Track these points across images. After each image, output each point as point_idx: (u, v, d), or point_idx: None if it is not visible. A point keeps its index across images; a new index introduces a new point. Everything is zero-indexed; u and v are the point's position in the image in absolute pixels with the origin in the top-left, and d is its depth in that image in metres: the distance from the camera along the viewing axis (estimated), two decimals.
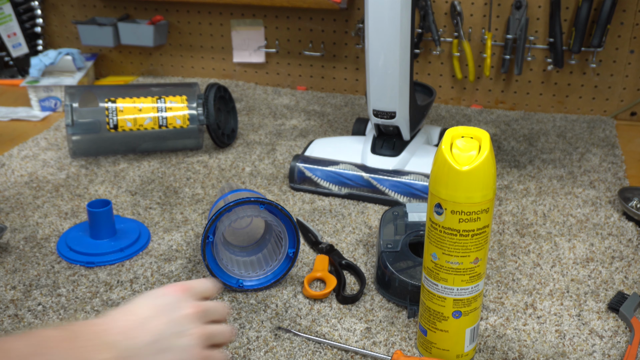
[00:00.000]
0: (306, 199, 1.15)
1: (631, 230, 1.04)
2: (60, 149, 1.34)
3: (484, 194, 0.66)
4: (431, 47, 1.61)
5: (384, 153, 1.16)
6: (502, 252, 0.99)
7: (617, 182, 1.21)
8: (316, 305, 0.86)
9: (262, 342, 0.79)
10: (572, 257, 0.97)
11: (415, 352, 0.78)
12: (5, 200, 1.13)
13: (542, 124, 1.51)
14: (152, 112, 1.25)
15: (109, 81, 1.82)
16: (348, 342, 0.79)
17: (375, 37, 1.04)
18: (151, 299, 0.61)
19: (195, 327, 0.60)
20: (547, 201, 1.14)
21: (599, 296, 0.88)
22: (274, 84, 1.78)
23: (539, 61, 1.56)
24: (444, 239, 0.68)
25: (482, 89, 1.63)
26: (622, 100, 1.56)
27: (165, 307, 0.60)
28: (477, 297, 0.72)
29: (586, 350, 0.78)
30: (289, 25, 1.69)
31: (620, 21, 1.47)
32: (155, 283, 0.90)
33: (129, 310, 0.59)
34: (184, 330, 0.59)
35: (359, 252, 0.99)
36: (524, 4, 1.48)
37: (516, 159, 1.32)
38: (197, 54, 1.80)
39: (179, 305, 0.60)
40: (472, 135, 0.67)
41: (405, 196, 1.11)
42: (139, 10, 1.77)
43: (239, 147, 1.36)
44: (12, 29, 1.76)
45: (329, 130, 1.47)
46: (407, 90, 1.09)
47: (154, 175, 1.23)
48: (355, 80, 1.72)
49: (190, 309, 0.60)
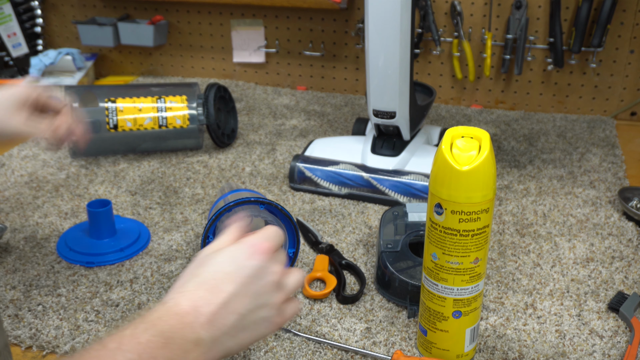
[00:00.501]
0: (306, 199, 1.15)
1: (631, 230, 1.04)
2: (60, 149, 1.34)
3: (484, 194, 0.66)
4: (431, 47, 1.61)
5: (384, 153, 1.16)
6: (502, 252, 0.99)
7: (617, 182, 1.21)
8: (316, 305, 0.86)
9: (262, 342, 0.79)
10: (572, 257, 0.97)
11: (415, 352, 0.78)
12: (5, 200, 1.13)
13: (542, 124, 1.51)
14: (152, 112, 1.25)
15: (109, 81, 1.82)
16: (348, 342, 0.79)
17: (375, 37, 1.04)
18: (236, 266, 0.55)
19: (277, 294, 0.57)
20: (547, 201, 1.14)
21: (599, 296, 0.88)
22: (274, 84, 1.78)
23: (539, 61, 1.56)
24: (444, 239, 0.68)
25: (482, 89, 1.63)
26: (622, 100, 1.56)
27: (251, 278, 0.55)
28: (477, 297, 0.72)
29: (586, 350, 0.78)
30: (289, 25, 1.69)
31: (620, 21, 1.47)
32: (155, 283, 0.90)
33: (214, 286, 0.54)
34: (266, 301, 0.56)
35: (359, 252, 0.99)
36: (524, 3, 1.48)
37: (516, 159, 1.32)
38: (197, 54, 1.80)
39: (264, 274, 0.56)
40: (472, 135, 0.66)
41: (405, 196, 1.11)
42: (139, 10, 1.77)
43: (239, 147, 1.36)
44: (12, 29, 1.76)
45: (329, 130, 1.47)
46: (407, 90, 1.09)
47: (154, 175, 1.23)
48: (355, 80, 1.72)
49: (274, 276, 0.57)
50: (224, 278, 0.55)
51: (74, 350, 0.77)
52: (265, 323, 0.56)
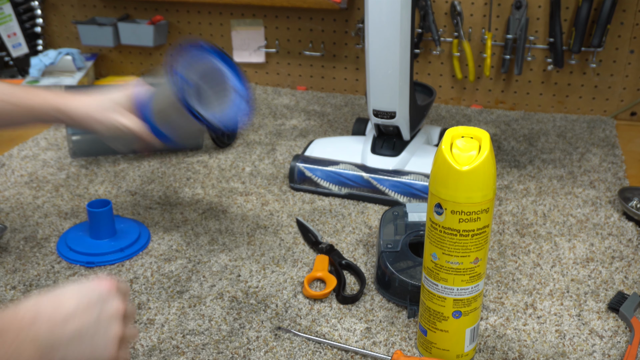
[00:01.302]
0: (306, 199, 1.15)
1: (631, 230, 1.04)
2: (60, 149, 1.34)
3: (484, 194, 0.66)
4: (431, 47, 1.61)
5: (384, 153, 1.16)
6: (502, 252, 0.99)
7: (617, 182, 1.21)
8: (316, 305, 0.86)
9: (262, 342, 0.79)
10: (572, 257, 0.97)
11: (415, 352, 0.78)
12: (5, 200, 1.13)
13: (542, 124, 1.51)
14: None
15: (109, 81, 1.82)
16: (348, 342, 0.79)
17: (375, 37, 1.04)
18: (81, 292, 0.60)
19: (117, 326, 0.60)
20: (547, 201, 1.14)
21: (599, 296, 0.88)
22: (274, 84, 1.78)
23: (539, 61, 1.56)
24: (444, 239, 0.68)
25: (482, 89, 1.63)
26: (622, 100, 1.56)
27: (94, 302, 0.60)
28: (477, 297, 0.72)
29: (586, 350, 0.78)
30: (289, 25, 1.69)
31: (620, 21, 1.47)
32: (155, 283, 0.90)
33: (57, 301, 0.59)
34: (107, 329, 0.60)
35: (359, 252, 0.99)
36: (524, 4, 1.48)
37: (516, 159, 1.32)
38: None
39: (106, 302, 0.60)
40: (472, 135, 0.67)
41: (405, 196, 1.11)
42: (139, 10, 1.77)
43: (239, 147, 1.36)
44: (12, 29, 1.76)
45: (329, 130, 1.47)
46: (407, 90, 1.09)
47: (154, 175, 1.23)
48: (355, 80, 1.72)
49: (116, 307, 0.61)
50: (70, 297, 0.59)
51: None
52: (106, 347, 0.59)
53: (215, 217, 1.08)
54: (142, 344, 0.78)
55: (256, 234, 1.03)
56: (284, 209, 1.11)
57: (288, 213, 1.10)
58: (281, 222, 1.07)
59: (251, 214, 1.09)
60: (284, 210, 1.10)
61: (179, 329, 0.81)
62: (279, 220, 1.07)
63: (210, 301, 0.86)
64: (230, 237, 1.02)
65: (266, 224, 1.06)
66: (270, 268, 0.94)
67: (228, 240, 1.01)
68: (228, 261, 0.96)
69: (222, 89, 0.90)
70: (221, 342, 0.79)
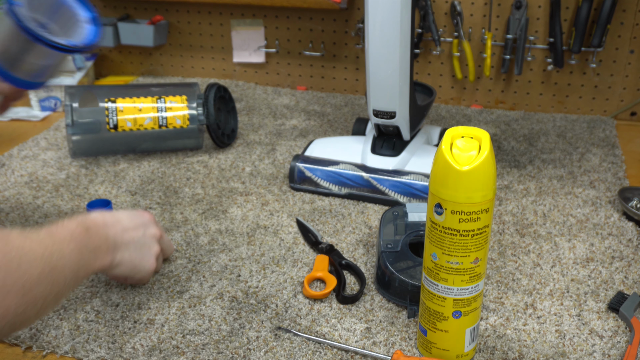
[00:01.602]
0: (306, 199, 1.15)
1: (631, 230, 1.04)
2: (60, 149, 1.34)
3: (484, 194, 0.66)
4: (431, 47, 1.61)
5: (384, 153, 1.16)
6: (502, 252, 0.99)
7: (617, 182, 1.21)
8: (316, 305, 0.86)
9: (262, 342, 0.79)
10: (572, 257, 0.97)
11: (415, 352, 0.78)
12: (5, 200, 1.13)
13: (542, 124, 1.51)
14: (152, 112, 1.25)
15: (109, 81, 1.82)
16: (348, 342, 0.79)
17: (375, 37, 1.04)
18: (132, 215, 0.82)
19: (156, 245, 0.85)
20: (547, 201, 1.14)
21: (599, 296, 0.88)
22: (274, 84, 1.78)
23: (539, 61, 1.56)
24: (444, 239, 0.68)
25: (482, 89, 1.63)
26: (622, 100, 1.56)
27: (140, 224, 0.83)
28: (477, 297, 0.72)
29: (586, 350, 0.78)
30: (289, 25, 1.69)
31: (620, 21, 1.47)
32: (155, 283, 0.90)
33: (116, 216, 0.80)
34: (150, 245, 0.83)
35: (359, 252, 0.99)
36: (524, 4, 1.48)
37: (516, 159, 1.32)
38: (197, 54, 1.80)
39: (148, 227, 0.84)
40: (472, 135, 0.67)
41: (405, 196, 1.11)
42: (139, 10, 1.77)
43: (239, 147, 1.36)
44: None
45: (329, 130, 1.47)
46: (407, 90, 1.09)
47: (154, 175, 1.23)
48: (355, 80, 1.72)
49: (155, 231, 0.85)
50: (124, 216, 0.81)
51: (74, 350, 0.77)
52: (145, 257, 0.82)
53: (215, 217, 1.08)
54: (142, 344, 0.78)
55: (256, 234, 1.03)
56: (284, 209, 1.11)
57: (288, 213, 1.10)
58: (281, 222, 1.07)
59: (251, 214, 1.09)
60: (284, 210, 1.10)
61: (179, 329, 0.81)
62: (279, 220, 1.07)
63: (210, 301, 0.86)
64: (230, 237, 1.02)
65: (266, 224, 1.06)
66: (270, 268, 0.94)
67: (228, 240, 1.01)
68: (228, 261, 0.96)
69: (66, 19, 0.88)
70: (221, 342, 0.79)
